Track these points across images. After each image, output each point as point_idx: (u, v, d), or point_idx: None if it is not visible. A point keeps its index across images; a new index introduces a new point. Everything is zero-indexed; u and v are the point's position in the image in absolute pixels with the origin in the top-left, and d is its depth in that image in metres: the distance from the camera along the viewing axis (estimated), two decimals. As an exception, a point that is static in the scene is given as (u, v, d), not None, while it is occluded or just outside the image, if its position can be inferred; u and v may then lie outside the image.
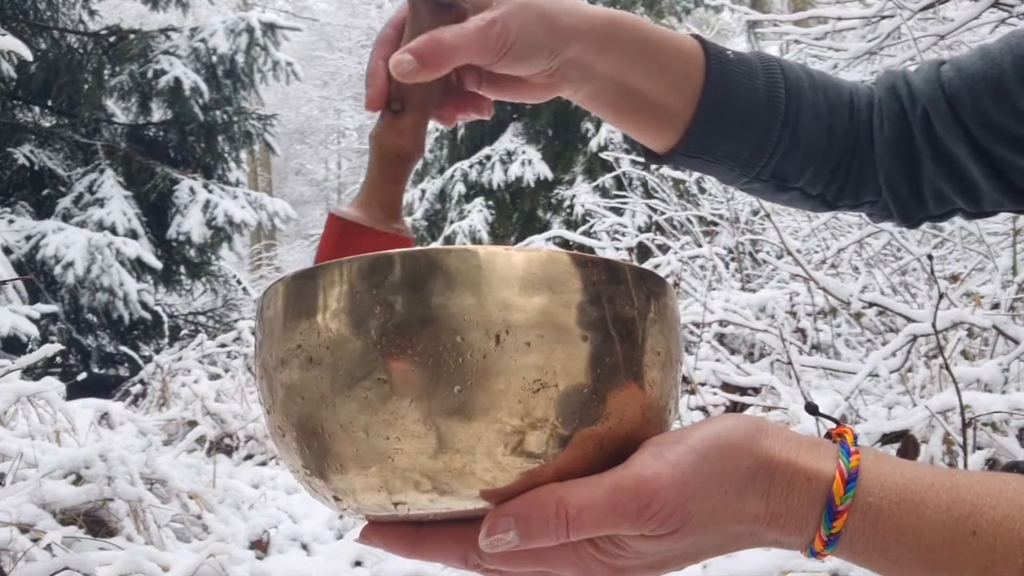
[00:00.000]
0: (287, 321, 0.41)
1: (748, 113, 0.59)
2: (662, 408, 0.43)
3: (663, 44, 0.57)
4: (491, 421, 0.38)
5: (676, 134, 0.59)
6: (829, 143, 0.62)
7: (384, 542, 0.42)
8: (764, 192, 0.65)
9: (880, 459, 0.41)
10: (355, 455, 0.39)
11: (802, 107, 0.61)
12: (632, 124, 0.60)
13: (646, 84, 0.57)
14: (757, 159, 0.61)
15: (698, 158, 0.61)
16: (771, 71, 0.60)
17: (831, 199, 0.65)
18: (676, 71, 0.58)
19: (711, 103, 0.58)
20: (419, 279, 0.38)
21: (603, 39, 0.55)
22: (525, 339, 0.38)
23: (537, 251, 0.39)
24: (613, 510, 0.38)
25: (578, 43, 0.54)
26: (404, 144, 0.51)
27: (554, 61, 0.53)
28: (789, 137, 0.61)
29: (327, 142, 22.87)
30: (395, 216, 0.52)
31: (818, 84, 0.62)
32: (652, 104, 0.58)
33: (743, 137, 0.60)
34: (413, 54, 0.49)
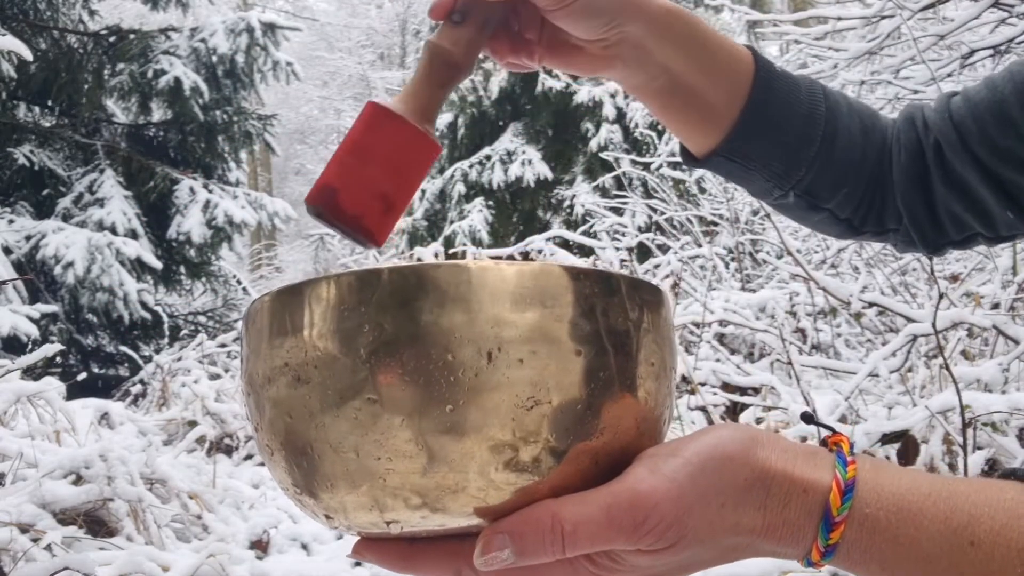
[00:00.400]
0: (273, 338, 0.40)
1: (788, 123, 0.61)
2: (657, 418, 0.42)
3: (717, 44, 0.59)
4: (484, 439, 0.37)
5: (719, 134, 0.61)
6: (860, 167, 0.64)
7: (377, 558, 0.42)
8: (796, 210, 0.67)
9: (877, 468, 0.41)
10: (345, 474, 0.38)
11: (839, 128, 0.63)
12: (678, 118, 0.62)
13: (697, 79, 0.59)
14: (793, 172, 0.63)
15: (736, 162, 0.63)
16: (813, 90, 0.63)
17: (857, 224, 0.67)
18: (726, 72, 0.60)
19: (756, 107, 0.60)
20: (408, 295, 0.37)
21: (664, 26, 0.56)
22: (518, 356, 0.37)
23: (529, 264, 0.39)
24: (609, 525, 0.38)
25: (640, 22, 0.56)
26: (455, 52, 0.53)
27: (612, 32, 0.55)
28: (825, 154, 0.62)
29: (327, 142, 22.86)
30: (429, 119, 0.53)
31: (855, 110, 0.65)
32: (700, 100, 0.60)
33: (781, 146, 0.62)
34: None
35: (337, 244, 10.33)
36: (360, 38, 22.03)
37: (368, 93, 22.14)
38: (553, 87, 9.17)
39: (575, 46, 0.58)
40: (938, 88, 2.70)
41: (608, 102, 8.95)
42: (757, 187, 0.65)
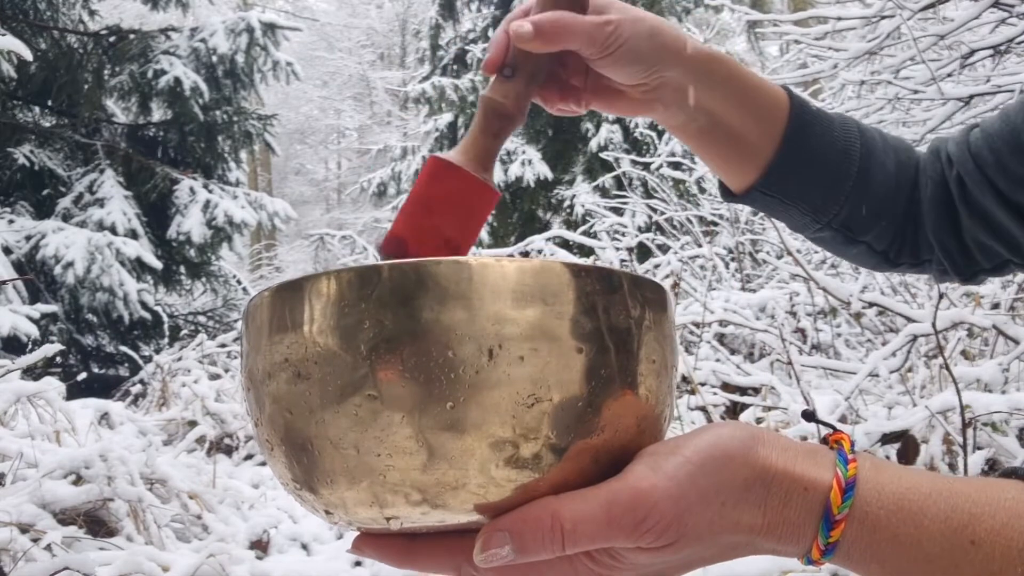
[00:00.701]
0: (273, 334, 0.40)
1: (824, 159, 0.64)
2: (657, 416, 0.42)
3: (754, 85, 0.62)
4: (484, 436, 0.37)
5: (757, 171, 0.64)
6: (895, 200, 0.67)
7: (377, 553, 0.42)
8: (833, 243, 0.69)
9: (878, 467, 0.41)
10: (345, 470, 0.38)
11: (874, 163, 0.65)
12: (717, 156, 0.65)
13: (735, 119, 0.62)
14: (829, 206, 0.65)
15: (774, 197, 0.65)
16: (847, 127, 0.65)
17: (893, 256, 0.69)
18: (763, 111, 0.63)
19: (792, 145, 0.63)
20: (409, 292, 0.37)
21: (702, 70, 0.60)
22: (518, 353, 0.37)
23: (530, 261, 0.39)
24: (609, 523, 0.38)
25: (679, 67, 0.59)
26: (508, 104, 0.56)
27: (653, 77, 0.59)
28: (861, 188, 0.65)
29: (327, 142, 22.86)
30: (487, 167, 0.56)
31: (890, 145, 0.67)
32: (738, 139, 0.63)
33: (817, 181, 0.64)
34: (533, 24, 0.54)
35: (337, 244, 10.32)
36: (360, 38, 22.02)
37: (368, 93, 22.14)
38: (553, 87, 9.16)
39: (618, 90, 0.61)
40: (938, 88, 2.70)
41: (608, 102, 8.94)
42: (795, 221, 0.68)
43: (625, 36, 0.57)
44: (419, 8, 17.31)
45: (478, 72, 9.77)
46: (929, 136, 3.02)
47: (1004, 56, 2.85)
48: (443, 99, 9.76)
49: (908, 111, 3.37)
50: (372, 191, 11.19)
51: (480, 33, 10.26)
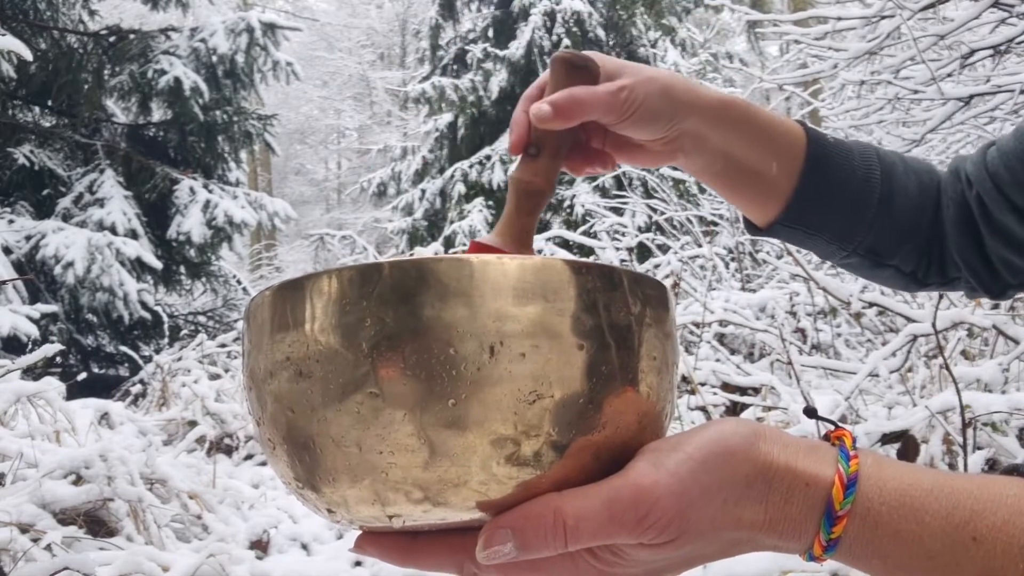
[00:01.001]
0: (275, 332, 0.40)
1: (845, 188, 0.65)
2: (659, 413, 0.42)
3: (770, 124, 0.64)
4: (486, 433, 0.37)
5: (778, 205, 0.66)
6: (920, 222, 0.68)
7: (379, 552, 0.42)
8: (861, 268, 0.70)
9: (879, 463, 0.41)
10: (347, 468, 0.38)
11: (895, 187, 0.66)
12: (739, 194, 0.66)
13: (753, 158, 0.63)
14: (854, 233, 0.66)
15: (798, 229, 0.66)
16: (866, 154, 0.67)
17: (922, 276, 0.70)
18: (780, 148, 0.64)
19: (811, 177, 0.64)
20: (410, 289, 0.37)
21: (717, 116, 0.61)
22: (520, 350, 0.37)
23: (531, 258, 0.38)
24: (611, 520, 0.38)
25: (695, 117, 0.60)
26: (538, 182, 0.57)
27: (671, 130, 0.60)
28: (884, 214, 0.66)
29: (327, 142, 22.86)
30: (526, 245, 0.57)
31: (910, 167, 0.68)
32: (758, 177, 0.64)
33: (840, 210, 0.66)
34: (551, 104, 0.56)
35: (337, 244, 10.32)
36: (360, 38, 22.02)
37: (368, 93, 22.14)
38: (553, 87, 9.17)
39: (638, 145, 0.63)
40: (938, 88, 2.70)
41: (608, 102, 8.94)
42: (822, 249, 0.69)
43: (640, 98, 0.58)
44: (419, 8, 17.31)
45: (478, 72, 9.78)
46: (929, 136, 3.02)
47: (1004, 56, 2.85)
48: (443, 99, 9.76)
49: (908, 111, 3.37)
50: (372, 191, 11.19)
51: (480, 33, 10.26)
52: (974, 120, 3.02)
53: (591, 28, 9.63)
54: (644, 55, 9.90)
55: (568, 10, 9.40)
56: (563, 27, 9.39)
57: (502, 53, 9.57)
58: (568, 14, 9.40)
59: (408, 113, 17.54)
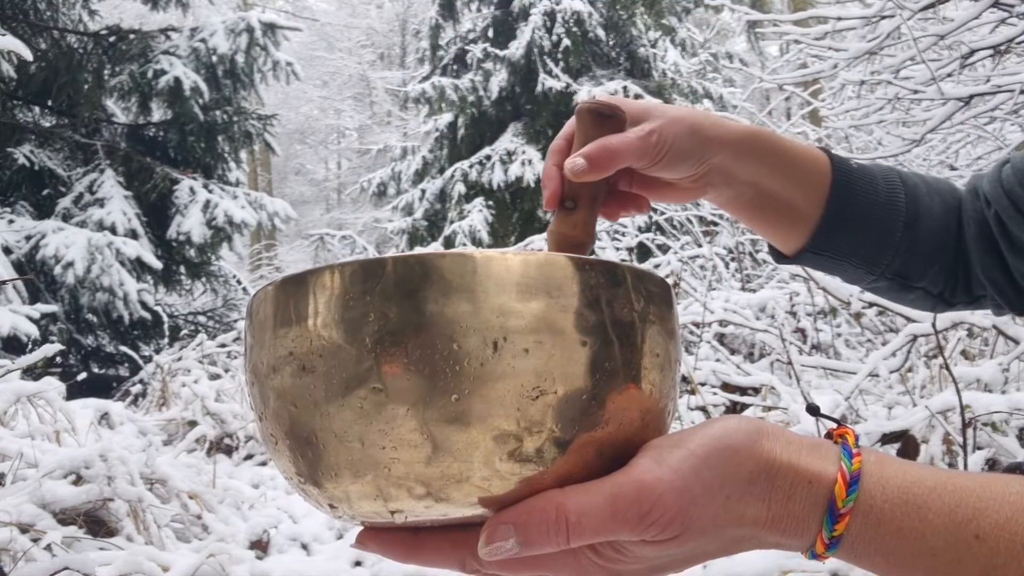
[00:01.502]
0: (278, 327, 0.40)
1: (870, 214, 0.65)
2: (661, 410, 0.42)
3: (794, 153, 0.64)
4: (489, 429, 0.37)
5: (806, 233, 0.66)
6: (946, 242, 0.68)
7: (381, 548, 0.42)
8: (890, 292, 0.70)
9: (882, 461, 0.41)
10: (350, 464, 0.38)
11: (920, 210, 0.67)
12: (766, 224, 0.67)
13: (780, 188, 0.64)
14: (881, 257, 0.67)
15: (825, 255, 0.67)
16: (890, 179, 0.67)
17: (948, 296, 0.70)
18: (806, 176, 0.65)
19: (837, 204, 0.65)
20: (413, 285, 0.37)
21: (743, 149, 0.62)
22: (523, 345, 0.37)
23: (534, 254, 0.38)
24: (614, 516, 0.38)
25: (722, 152, 0.61)
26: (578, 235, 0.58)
27: (701, 167, 0.61)
28: (910, 236, 0.66)
29: (327, 142, 22.86)
30: None
31: (933, 188, 0.69)
32: (785, 206, 0.65)
33: (867, 235, 0.66)
34: (584, 157, 0.57)
35: (337, 244, 10.32)
36: (360, 38, 22.02)
37: (368, 93, 22.14)
38: (553, 87, 9.18)
39: (667, 183, 0.64)
40: (938, 88, 2.70)
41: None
42: (850, 274, 0.69)
43: (669, 140, 0.59)
44: (419, 8, 17.31)
45: (478, 72, 9.78)
46: (929, 136, 3.02)
47: (1004, 56, 2.85)
48: (443, 99, 9.76)
49: (908, 111, 3.37)
50: (372, 191, 11.19)
51: (480, 33, 10.27)
52: (974, 120, 3.02)
53: (591, 28, 9.63)
54: (644, 55, 9.91)
55: (568, 10, 9.40)
56: (563, 27, 9.39)
57: (502, 53, 9.57)
58: (568, 14, 9.41)
59: (408, 113, 17.54)
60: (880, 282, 0.69)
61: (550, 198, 0.59)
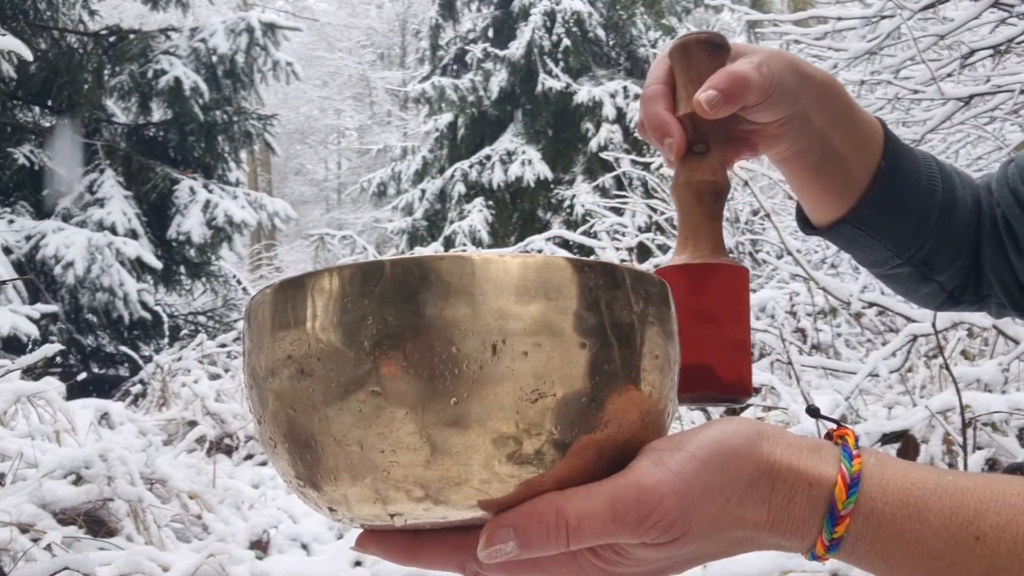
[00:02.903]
0: (276, 331, 0.40)
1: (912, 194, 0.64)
2: (661, 411, 0.42)
3: (858, 113, 0.62)
4: (488, 432, 0.37)
5: (851, 201, 0.63)
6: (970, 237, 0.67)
7: (380, 550, 0.42)
8: (907, 281, 0.68)
9: (883, 462, 0.41)
10: (349, 467, 0.38)
11: (956, 199, 0.65)
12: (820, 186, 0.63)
13: (845, 146, 0.61)
14: (913, 241, 0.65)
15: (862, 230, 0.64)
16: (928, 161, 0.65)
17: (958, 294, 0.69)
18: (867, 141, 0.62)
19: (886, 177, 0.63)
20: (412, 288, 0.37)
21: (825, 95, 0.59)
22: (522, 348, 0.37)
23: (533, 256, 0.38)
24: (614, 519, 0.38)
25: (811, 92, 0.58)
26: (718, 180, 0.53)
27: (794, 107, 0.57)
28: (944, 224, 0.65)
29: (327, 142, 22.86)
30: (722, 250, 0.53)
31: (964, 180, 0.67)
32: (843, 168, 0.62)
33: (907, 215, 0.64)
34: (717, 89, 0.52)
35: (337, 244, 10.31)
36: (360, 38, 22.02)
37: (368, 93, 22.14)
38: (553, 87, 9.18)
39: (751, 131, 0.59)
40: (938, 88, 2.70)
41: (608, 102, 8.96)
42: (876, 256, 0.67)
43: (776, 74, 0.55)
44: (419, 8, 17.31)
45: (478, 72, 9.78)
46: (929, 136, 3.02)
47: (1004, 56, 2.85)
48: (443, 99, 9.76)
49: (908, 111, 3.37)
50: (372, 191, 11.19)
51: (480, 33, 10.27)
52: (974, 120, 3.02)
53: (591, 28, 9.64)
54: (644, 55, 9.91)
55: (568, 10, 9.40)
56: (563, 27, 9.40)
57: (502, 53, 9.57)
58: (568, 14, 9.41)
59: (408, 113, 17.54)
60: (904, 268, 0.67)
61: (679, 145, 0.53)
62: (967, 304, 0.71)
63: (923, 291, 0.70)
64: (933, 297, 0.70)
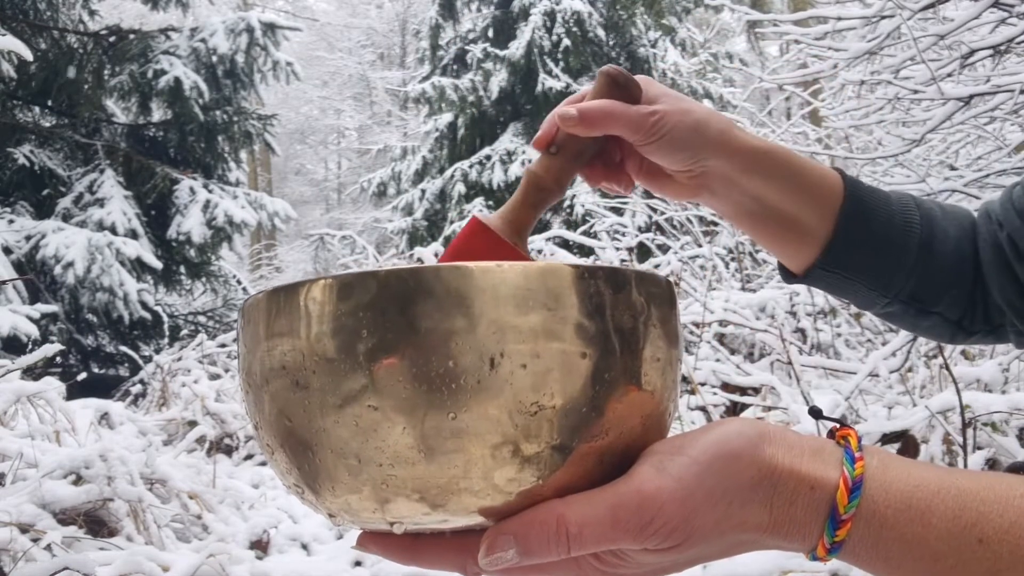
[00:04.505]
0: (270, 338, 0.39)
1: (883, 232, 0.64)
2: (662, 413, 0.42)
3: (806, 170, 0.64)
4: (487, 444, 0.37)
5: (815, 250, 0.65)
6: (963, 267, 0.67)
7: (381, 550, 0.42)
8: (905, 317, 0.69)
9: (885, 464, 0.40)
10: (347, 477, 0.38)
11: (936, 232, 0.66)
12: (773, 239, 0.66)
13: (789, 203, 0.63)
14: (895, 279, 0.65)
15: (836, 273, 0.65)
16: (903, 200, 0.66)
17: (967, 324, 0.69)
18: (816, 193, 0.64)
19: (850, 221, 0.64)
20: (407, 299, 0.36)
21: (750, 163, 0.62)
22: (520, 361, 0.36)
23: (532, 264, 0.38)
24: (615, 526, 0.38)
25: (724, 158, 0.61)
26: (548, 180, 0.59)
27: (696, 165, 0.61)
28: (925, 258, 0.65)
29: (327, 142, 22.86)
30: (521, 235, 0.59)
31: (948, 213, 0.68)
32: (793, 221, 0.64)
33: (880, 254, 0.65)
34: (578, 110, 0.58)
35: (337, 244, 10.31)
36: (360, 38, 22.02)
37: (368, 93, 22.14)
38: (553, 87, 9.18)
39: (667, 175, 0.64)
40: (938, 88, 2.70)
41: (608, 102, 8.95)
42: (862, 297, 0.68)
43: (669, 126, 0.60)
44: (419, 8, 17.30)
45: (478, 72, 9.78)
46: (929, 136, 3.02)
47: (1004, 56, 2.85)
48: (443, 99, 9.76)
49: (908, 111, 3.37)
50: (372, 191, 11.19)
51: (480, 33, 10.26)
52: (974, 120, 3.02)
53: (591, 28, 9.63)
54: (644, 55, 9.90)
55: (568, 10, 9.40)
56: (563, 27, 9.39)
57: (502, 53, 9.57)
58: (568, 14, 9.40)
59: (408, 113, 17.53)
60: (894, 305, 0.67)
61: (539, 139, 0.60)
62: (981, 335, 0.70)
63: (926, 324, 0.69)
64: (940, 330, 0.69)
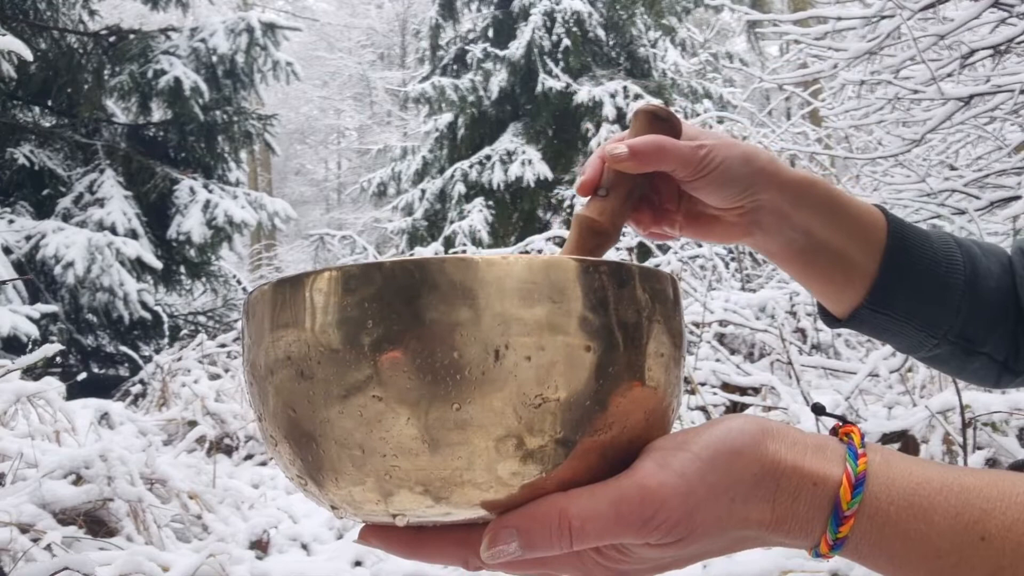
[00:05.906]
0: (274, 330, 0.39)
1: (929, 271, 0.63)
2: (665, 409, 0.42)
3: (850, 204, 0.62)
4: (490, 437, 0.37)
5: (862, 289, 0.63)
6: (1007, 304, 0.65)
7: (383, 544, 0.42)
8: (952, 360, 0.67)
9: (888, 461, 0.40)
10: (351, 468, 0.38)
11: (979, 269, 0.64)
12: (821, 277, 0.64)
13: (836, 238, 0.61)
14: (942, 319, 0.64)
15: (883, 314, 0.64)
16: (944, 239, 0.65)
17: (1013, 364, 0.67)
18: (862, 228, 0.62)
19: (896, 259, 0.62)
20: (413, 291, 0.36)
21: (799, 193, 0.60)
22: (525, 353, 0.36)
23: (538, 257, 0.38)
24: (617, 521, 0.38)
25: (774, 190, 0.59)
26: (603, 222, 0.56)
27: (748, 200, 0.59)
28: (972, 296, 0.64)
29: (327, 142, 22.86)
30: None
31: (987, 250, 0.67)
32: (840, 258, 0.62)
33: (927, 294, 0.63)
34: (628, 146, 0.56)
35: (337, 244, 10.32)
36: (360, 38, 22.02)
37: (368, 93, 22.14)
38: (553, 87, 9.18)
39: (713, 216, 0.62)
40: (938, 88, 2.70)
41: (608, 102, 8.95)
42: (909, 340, 0.66)
43: (719, 159, 0.58)
44: (419, 8, 17.30)
45: (478, 72, 9.78)
46: (929, 136, 3.02)
47: (1004, 56, 2.85)
48: (443, 99, 9.76)
49: (908, 111, 3.37)
50: (372, 191, 11.19)
51: (480, 33, 10.26)
52: (974, 120, 3.02)
53: (591, 28, 9.64)
54: (644, 55, 9.91)
55: (568, 10, 9.40)
56: (563, 27, 9.40)
57: (502, 53, 9.57)
58: (568, 14, 9.41)
59: (408, 113, 17.53)
60: (943, 347, 0.65)
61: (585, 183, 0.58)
62: None
63: (973, 366, 0.67)
64: (987, 372, 0.68)
